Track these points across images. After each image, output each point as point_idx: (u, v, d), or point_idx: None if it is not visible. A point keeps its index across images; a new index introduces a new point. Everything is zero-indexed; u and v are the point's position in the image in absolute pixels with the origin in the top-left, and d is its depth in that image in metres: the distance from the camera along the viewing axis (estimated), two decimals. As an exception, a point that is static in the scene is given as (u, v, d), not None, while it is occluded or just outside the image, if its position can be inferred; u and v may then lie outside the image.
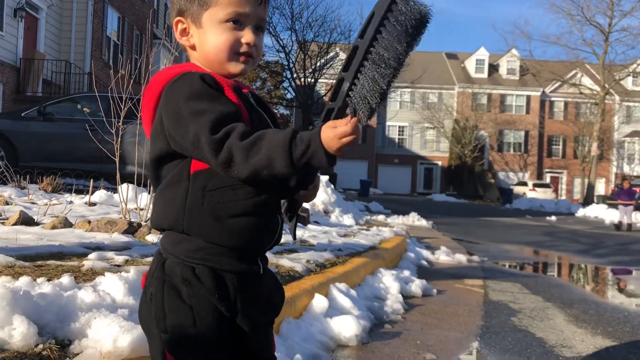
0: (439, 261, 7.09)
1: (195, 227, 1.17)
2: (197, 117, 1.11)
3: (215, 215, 1.16)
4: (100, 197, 7.06)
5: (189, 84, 1.15)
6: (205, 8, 1.23)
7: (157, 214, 1.23)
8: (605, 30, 34.12)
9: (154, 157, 1.22)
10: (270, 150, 1.06)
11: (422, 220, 13.27)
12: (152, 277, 1.22)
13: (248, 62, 1.26)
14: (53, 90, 16.94)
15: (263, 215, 1.19)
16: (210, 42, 1.23)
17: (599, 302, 5.14)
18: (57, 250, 3.46)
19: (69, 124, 9.68)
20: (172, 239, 1.21)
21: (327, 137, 1.05)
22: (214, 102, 1.13)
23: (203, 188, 1.16)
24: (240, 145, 1.07)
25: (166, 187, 1.21)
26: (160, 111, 1.18)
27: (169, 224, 1.20)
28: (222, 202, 1.15)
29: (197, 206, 1.16)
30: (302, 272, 3.77)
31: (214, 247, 1.18)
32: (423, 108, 45.26)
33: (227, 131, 1.09)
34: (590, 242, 11.80)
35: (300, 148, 1.05)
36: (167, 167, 1.21)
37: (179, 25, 1.28)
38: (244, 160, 1.07)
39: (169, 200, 1.19)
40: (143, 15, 23.83)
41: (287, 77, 26.90)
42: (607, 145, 43.63)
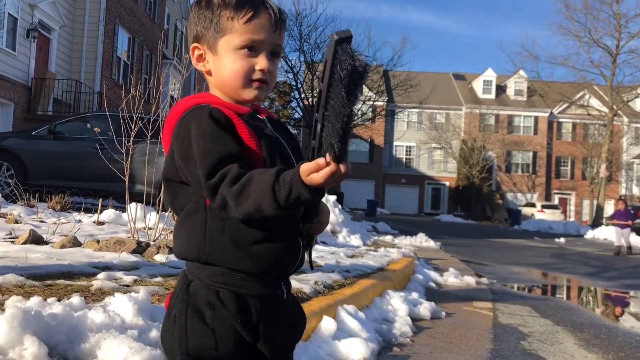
0: (448, 283, 7.04)
1: (218, 255, 1.18)
2: (200, 159, 1.13)
3: (236, 243, 1.17)
4: (109, 216, 7.08)
5: (196, 121, 1.17)
6: (220, 35, 1.24)
7: (180, 245, 1.24)
8: (612, 52, 34.18)
9: (165, 177, 1.24)
10: (257, 195, 1.08)
11: (430, 241, 13.22)
12: (177, 299, 1.22)
13: (262, 88, 1.27)
14: (63, 109, 17.11)
15: (283, 240, 1.20)
16: (225, 69, 1.25)
17: (610, 326, 5.08)
18: (66, 269, 3.47)
19: (78, 142, 9.76)
20: (197, 262, 1.22)
21: (309, 172, 1.06)
22: (215, 142, 1.14)
23: (222, 217, 1.17)
24: (230, 191, 1.10)
25: (185, 218, 1.22)
26: (172, 144, 1.21)
27: (192, 255, 1.21)
28: (241, 229, 1.17)
29: (218, 235, 1.18)
30: (310, 293, 3.75)
31: (238, 272, 1.19)
32: (430, 128, 45.30)
33: (221, 175, 1.11)
34: (599, 265, 11.69)
35: (284, 190, 1.07)
36: (181, 192, 1.22)
37: (195, 51, 1.29)
38: (236, 206, 1.10)
39: (189, 231, 1.21)
40: (153, 36, 24.13)
41: (295, 97, 27.04)
42: (615, 167, 43.42)
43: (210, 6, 1.26)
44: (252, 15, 1.23)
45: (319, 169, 1.05)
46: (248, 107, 1.28)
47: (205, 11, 1.26)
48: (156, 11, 25.24)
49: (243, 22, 1.22)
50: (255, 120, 1.25)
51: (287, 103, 38.29)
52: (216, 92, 1.30)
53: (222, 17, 1.24)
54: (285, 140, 1.29)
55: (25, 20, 15.91)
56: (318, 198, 1.10)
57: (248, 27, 1.23)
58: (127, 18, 21.27)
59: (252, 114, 1.25)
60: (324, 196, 1.13)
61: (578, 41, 35.06)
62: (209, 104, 1.21)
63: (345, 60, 1.03)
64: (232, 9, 1.23)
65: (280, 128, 1.32)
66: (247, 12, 1.23)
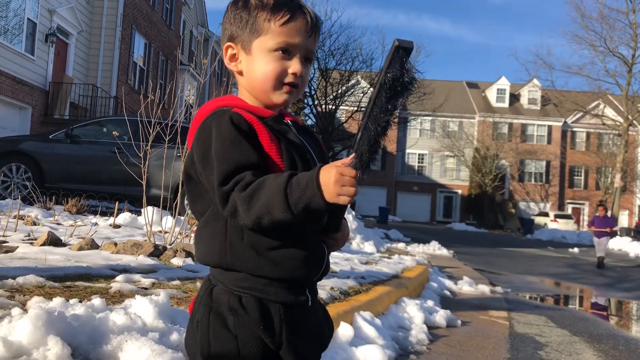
0: (462, 291, 7.00)
1: (239, 261, 1.17)
2: (216, 165, 1.13)
3: (256, 249, 1.16)
4: (125, 219, 7.12)
5: (217, 126, 1.16)
6: (256, 35, 1.24)
7: (201, 252, 1.24)
8: (628, 61, 33.87)
9: (185, 172, 1.24)
10: (268, 197, 1.07)
11: (442, 249, 13.15)
12: (200, 304, 1.22)
13: (292, 92, 1.26)
14: (80, 113, 17.28)
15: (305, 246, 1.19)
16: (258, 70, 1.24)
17: (629, 338, 5.01)
18: (84, 271, 3.49)
19: (95, 146, 9.84)
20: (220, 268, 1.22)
21: (328, 180, 1.05)
22: (233, 149, 1.13)
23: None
24: (241, 196, 1.09)
25: (205, 224, 1.22)
26: (192, 146, 1.21)
27: (214, 262, 1.21)
28: (260, 235, 1.15)
29: (238, 241, 1.17)
30: (327, 299, 3.75)
31: (260, 278, 1.18)
32: (443, 136, 45.15)
33: (234, 182, 1.11)
34: (614, 276, 11.56)
35: (297, 192, 1.06)
36: (200, 195, 1.22)
37: (229, 50, 1.29)
38: (246, 210, 1.09)
39: (210, 237, 1.20)
40: (169, 42, 24.32)
41: (308, 103, 27.08)
42: (630, 177, 42.96)
43: (247, 7, 1.26)
44: (289, 18, 1.23)
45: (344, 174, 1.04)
46: (274, 110, 1.27)
47: (242, 11, 1.26)
48: (172, 17, 25.44)
49: (280, 24, 1.22)
50: (279, 124, 1.24)
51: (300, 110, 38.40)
52: (244, 95, 1.29)
53: (258, 17, 1.24)
54: (310, 145, 1.28)
55: (44, 25, 16.11)
56: (331, 208, 1.07)
57: (284, 30, 1.23)
58: (144, 24, 21.46)
59: (276, 117, 1.24)
60: (345, 209, 1.10)
61: (593, 50, 34.78)
62: (230, 109, 1.20)
63: (394, 67, 1.03)
64: (269, 10, 1.23)
65: (306, 133, 1.31)
66: (285, 15, 1.23)
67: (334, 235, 1.25)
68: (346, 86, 25.78)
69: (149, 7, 21.96)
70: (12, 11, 14.78)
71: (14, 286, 2.83)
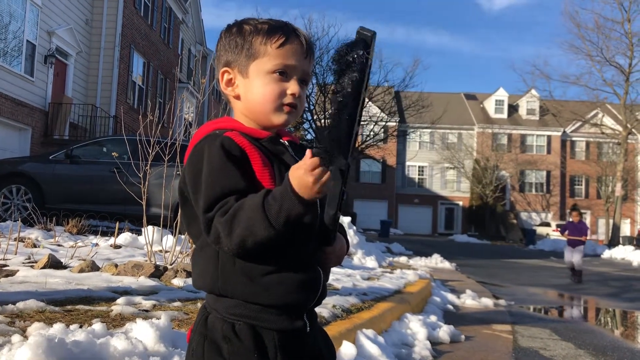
0: (465, 305, 6.96)
1: (231, 288, 1.16)
2: (203, 191, 1.13)
3: (248, 275, 1.15)
4: (125, 239, 7.11)
5: (207, 151, 1.16)
6: (252, 59, 1.26)
7: (197, 276, 1.23)
8: (625, 70, 34.02)
9: (180, 193, 1.24)
10: (248, 217, 1.06)
11: (445, 262, 13.11)
12: (196, 332, 1.21)
13: (291, 113, 1.27)
14: (79, 133, 17.33)
15: (299, 270, 1.17)
16: (256, 92, 1.25)
17: (634, 350, 4.98)
18: (85, 294, 3.48)
19: (94, 166, 9.86)
20: (213, 294, 1.21)
21: (299, 178, 1.05)
22: (221, 176, 1.13)
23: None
24: (222, 220, 1.08)
25: (200, 250, 1.22)
26: (185, 168, 1.21)
27: (207, 287, 1.20)
28: (252, 260, 1.14)
29: (229, 267, 1.16)
30: (329, 317, 3.72)
31: (253, 304, 1.16)
32: (443, 148, 45.21)
33: (218, 208, 1.10)
34: (619, 285, 11.51)
35: (274, 206, 1.05)
36: (195, 219, 1.20)
37: (225, 75, 1.30)
38: (228, 234, 1.08)
39: (204, 263, 1.20)
40: (167, 61, 24.46)
41: (307, 118, 27.18)
42: (631, 186, 42.94)
43: (241, 32, 1.28)
44: (285, 40, 1.25)
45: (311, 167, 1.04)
46: (271, 131, 1.27)
47: (237, 37, 1.28)
48: (170, 36, 25.61)
49: (276, 47, 1.24)
50: (275, 145, 1.24)
51: (299, 125, 38.50)
52: (241, 118, 1.29)
53: (254, 41, 1.26)
54: None
55: (43, 47, 16.21)
56: (310, 210, 1.07)
57: (281, 52, 1.24)
58: (142, 43, 21.60)
59: (272, 138, 1.24)
60: (317, 210, 1.08)
61: (590, 60, 34.96)
62: (223, 132, 1.19)
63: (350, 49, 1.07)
64: (264, 34, 1.26)
65: (304, 152, 1.31)
66: (280, 38, 1.25)
67: (327, 249, 1.23)
68: (345, 101, 25.89)
69: (147, 26, 22.12)
70: (11, 33, 14.89)
71: (14, 312, 2.82)
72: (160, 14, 23.98)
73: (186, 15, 28.37)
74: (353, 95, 1.05)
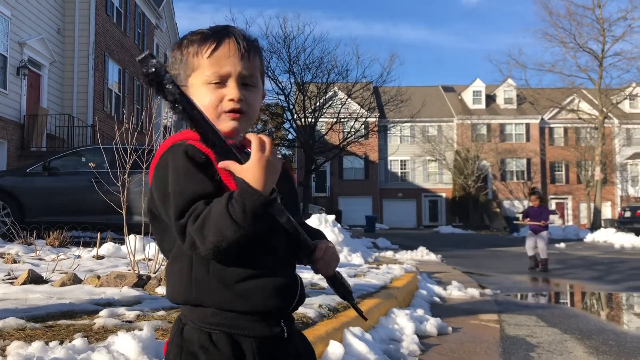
0: (452, 296, 7.00)
1: (206, 296, 1.15)
2: (172, 200, 1.12)
3: (223, 282, 1.14)
4: (108, 249, 7.04)
5: (172, 160, 1.15)
6: (189, 73, 1.26)
7: (171, 289, 1.22)
8: (598, 56, 34.46)
9: (149, 211, 1.23)
10: (216, 222, 1.06)
11: (430, 254, 13.17)
12: (172, 344, 1.20)
13: (239, 118, 1.24)
14: (57, 144, 17.12)
15: (275, 275, 1.17)
16: (199, 105, 1.24)
17: (618, 332, 5.04)
18: (67, 308, 3.43)
19: (74, 177, 9.75)
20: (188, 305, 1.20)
21: (251, 169, 1.07)
22: (188, 182, 1.12)
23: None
24: (194, 228, 1.08)
25: (173, 261, 1.21)
26: (152, 184, 1.20)
27: (182, 299, 1.19)
28: (225, 267, 1.14)
29: (203, 275, 1.15)
30: (315, 317, 3.72)
31: (229, 312, 1.16)
32: (423, 141, 45.45)
33: (189, 214, 1.10)
34: (602, 269, 11.67)
35: (238, 206, 1.05)
36: (167, 233, 1.20)
37: None
38: (202, 241, 1.07)
39: (177, 274, 1.19)
40: (143, 66, 24.23)
41: (287, 118, 27.13)
42: (610, 169, 43.55)
43: (180, 47, 1.29)
44: (215, 47, 1.23)
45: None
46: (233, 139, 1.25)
47: (177, 52, 1.29)
48: (145, 42, 25.40)
49: (207, 57, 1.23)
50: (238, 153, 1.22)
51: (280, 124, 38.41)
52: None
53: (188, 55, 1.26)
54: None
55: (14, 59, 15.97)
56: (273, 200, 1.07)
57: (212, 61, 1.23)
58: (117, 50, 21.39)
59: (234, 146, 1.21)
60: (276, 197, 1.09)
61: (564, 47, 35.36)
62: (184, 142, 1.18)
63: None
64: (196, 45, 1.25)
65: None
66: (210, 46, 1.24)
67: (311, 257, 1.22)
68: (324, 98, 25.87)
69: (120, 33, 21.91)
70: (-18, 46, 14.65)
71: (-6, 331, 2.77)
72: (134, 19, 23.77)
73: (160, 20, 28.16)
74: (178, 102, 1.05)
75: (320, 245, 1.26)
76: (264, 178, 1.06)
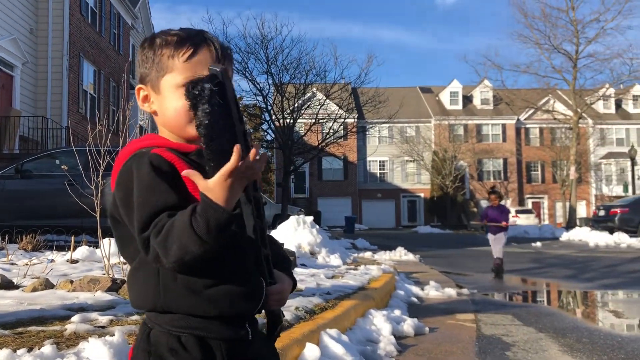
0: (429, 297, 7.04)
1: (174, 303, 1.15)
2: (136, 211, 1.11)
3: (190, 289, 1.14)
4: (82, 253, 6.92)
5: (136, 170, 1.14)
6: (162, 74, 1.24)
7: (135, 297, 1.21)
8: (573, 57, 34.99)
9: (111, 216, 1.22)
10: (180, 237, 1.05)
11: (409, 254, 13.24)
12: (138, 349, 1.19)
13: None
14: (30, 146, 16.82)
15: (240, 280, 1.17)
16: (169, 107, 1.23)
17: (592, 329, 5.11)
18: (38, 314, 3.36)
19: (47, 180, 9.59)
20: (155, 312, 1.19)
21: (214, 187, 1.05)
22: (152, 193, 1.11)
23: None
24: (157, 241, 1.07)
25: (137, 268, 1.19)
26: (115, 190, 1.18)
27: (148, 306, 1.18)
28: (195, 274, 1.13)
29: (171, 282, 1.14)
30: (292, 320, 3.70)
31: (197, 317, 1.16)
32: (402, 142, 45.76)
33: (152, 227, 1.09)
34: (577, 267, 11.84)
35: (201, 223, 1.04)
36: (129, 240, 1.18)
37: (140, 92, 1.28)
38: (165, 255, 1.07)
39: (143, 282, 1.18)
40: (119, 67, 23.97)
41: (265, 119, 27.03)
42: (584, 168, 44.30)
43: (152, 46, 1.26)
44: (193, 52, 1.22)
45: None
46: (198, 144, 1.24)
47: (148, 51, 1.26)
48: (121, 42, 25.12)
49: (184, 60, 1.22)
50: (203, 158, 1.21)
51: (258, 125, 38.30)
52: (164, 133, 1.28)
53: (162, 56, 1.23)
54: None
55: (-14, 59, 15.67)
56: (237, 218, 1.07)
57: (189, 65, 1.22)
58: (92, 51, 21.11)
59: (200, 151, 1.21)
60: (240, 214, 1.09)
61: (539, 48, 35.82)
62: (150, 149, 1.18)
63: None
64: (172, 47, 1.23)
65: None
66: (188, 50, 1.22)
67: (268, 289, 1.23)
68: (302, 99, 25.84)
69: (95, 33, 21.63)
70: (-48, 47, 14.34)
71: (-39, 338, 2.70)
72: (109, 20, 23.49)
73: (136, 20, 27.87)
74: (215, 127, 1.05)
75: (272, 290, 1.24)
76: (228, 195, 1.05)
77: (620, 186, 44.75)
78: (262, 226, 1.23)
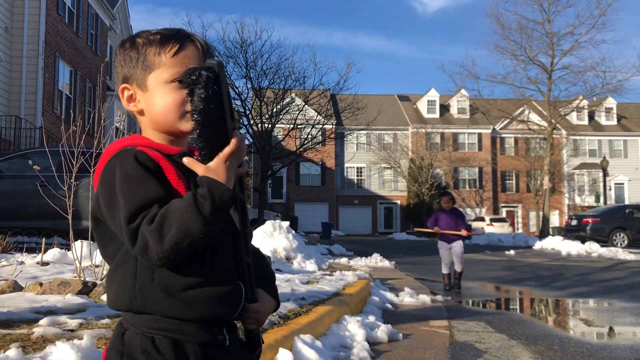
0: (404, 303, 7.06)
1: (150, 304, 1.14)
2: (122, 204, 1.10)
3: (167, 291, 1.13)
4: (54, 255, 6.80)
5: (120, 166, 1.14)
6: (149, 71, 1.23)
7: (112, 297, 1.20)
8: (548, 68, 35.53)
9: (93, 216, 1.21)
10: (180, 219, 1.06)
11: (384, 261, 13.28)
12: (112, 350, 1.18)
13: None
14: (3, 146, 16.49)
15: (220, 283, 1.17)
16: (158, 104, 1.23)
17: (563, 337, 5.18)
18: (5, 317, 3.28)
19: (19, 180, 9.42)
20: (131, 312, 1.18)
21: (220, 168, 1.12)
22: (139, 187, 1.11)
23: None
24: (150, 229, 1.06)
25: (116, 269, 1.19)
26: (98, 189, 1.18)
27: (124, 306, 1.17)
28: (171, 275, 1.13)
29: (148, 283, 1.14)
30: (266, 325, 3.68)
31: (173, 319, 1.15)
32: (379, 149, 45.99)
33: (142, 217, 1.08)
34: (549, 275, 12.00)
35: (207, 202, 1.07)
36: (110, 239, 1.19)
37: (125, 92, 1.27)
38: (159, 241, 1.06)
39: (120, 282, 1.17)
40: (95, 68, 23.67)
41: (244, 123, 26.92)
42: (558, 178, 45.02)
43: (134, 46, 1.26)
44: (179, 48, 1.23)
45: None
46: (181, 147, 1.25)
47: (130, 51, 1.26)
48: (98, 43, 24.82)
49: (170, 56, 1.22)
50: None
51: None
52: (149, 133, 1.27)
53: (148, 53, 1.23)
54: None
55: (-42, 56, 15.35)
56: (235, 197, 1.13)
57: (176, 60, 1.22)
58: (68, 51, 20.81)
59: (184, 153, 1.22)
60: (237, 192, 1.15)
61: (515, 59, 36.27)
62: (134, 147, 1.17)
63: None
64: (157, 44, 1.23)
65: None
66: (174, 46, 1.23)
67: (247, 306, 1.22)
68: (281, 104, 25.80)
69: (72, 33, 21.34)
70: None
71: None
72: (87, 20, 23.20)
73: (114, 21, 27.58)
74: (209, 114, 1.11)
75: (251, 307, 1.24)
76: (229, 174, 1.12)
77: (592, 196, 45.61)
78: (247, 232, 1.24)
